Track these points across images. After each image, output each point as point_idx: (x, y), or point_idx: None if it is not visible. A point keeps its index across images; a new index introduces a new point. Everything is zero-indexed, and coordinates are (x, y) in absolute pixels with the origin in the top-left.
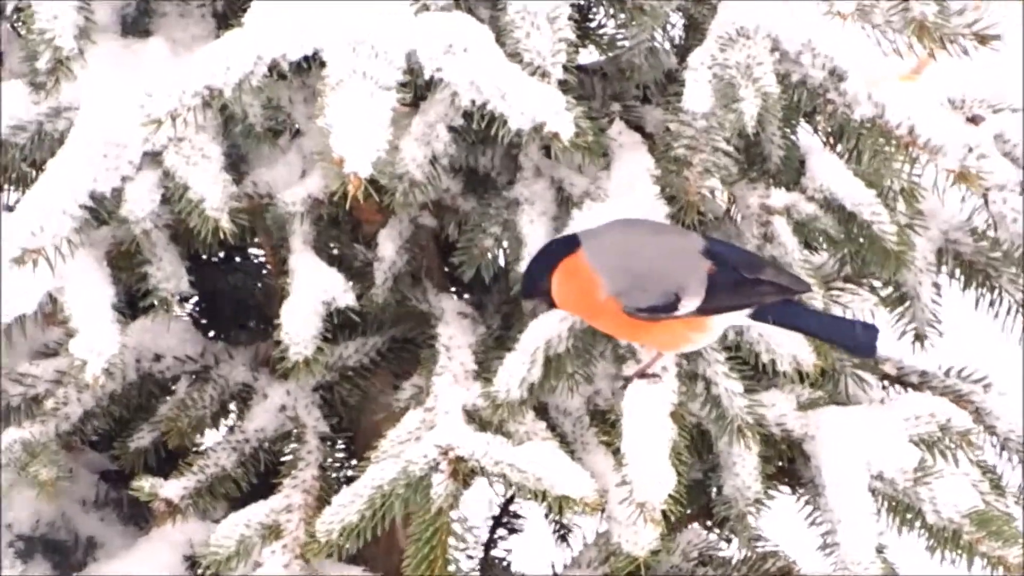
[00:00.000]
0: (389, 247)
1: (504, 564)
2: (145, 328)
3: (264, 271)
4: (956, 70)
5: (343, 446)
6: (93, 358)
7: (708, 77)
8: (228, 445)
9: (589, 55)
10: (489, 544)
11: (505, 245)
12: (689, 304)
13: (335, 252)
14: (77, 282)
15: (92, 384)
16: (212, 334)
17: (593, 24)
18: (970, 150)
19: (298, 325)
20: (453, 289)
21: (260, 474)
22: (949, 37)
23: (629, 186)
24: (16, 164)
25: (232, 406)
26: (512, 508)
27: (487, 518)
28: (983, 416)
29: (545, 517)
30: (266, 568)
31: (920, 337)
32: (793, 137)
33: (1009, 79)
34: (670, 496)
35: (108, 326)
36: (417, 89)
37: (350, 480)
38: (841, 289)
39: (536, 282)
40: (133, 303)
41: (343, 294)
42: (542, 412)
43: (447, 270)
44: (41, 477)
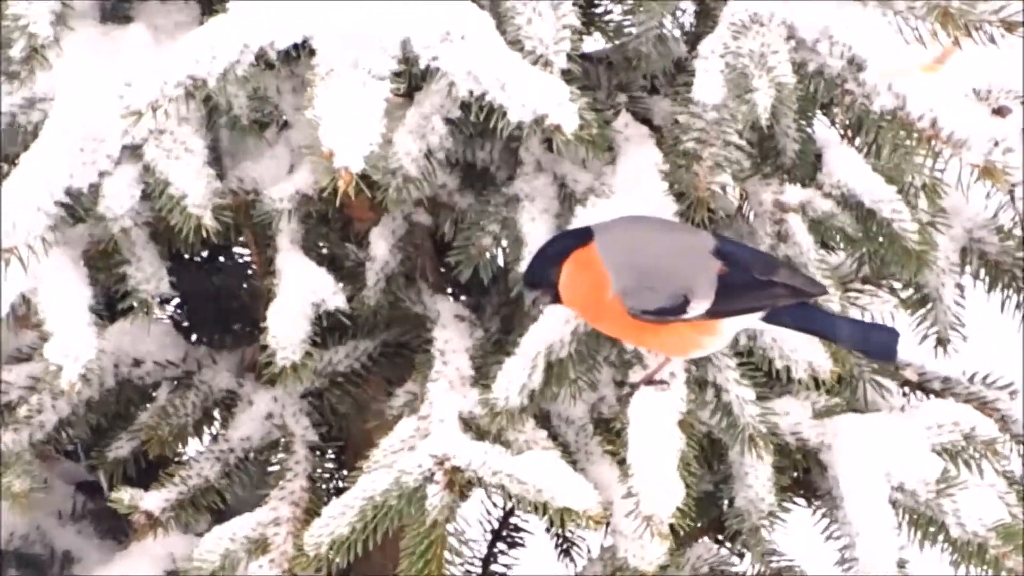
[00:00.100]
0: (382, 246)
1: None
2: (124, 331)
3: (249, 271)
4: (982, 59)
5: (333, 456)
6: (69, 363)
7: (720, 66)
8: (212, 455)
9: (594, 43)
10: (488, 559)
11: (504, 244)
12: (698, 306)
13: (325, 251)
14: (52, 283)
15: (68, 391)
16: (195, 338)
17: (598, 10)
18: (996, 144)
19: (285, 328)
20: (449, 291)
21: (246, 485)
22: (975, 24)
23: (636, 182)
24: None
25: (216, 414)
26: (512, 521)
27: (485, 532)
28: (1009, 424)
29: (546, 531)
30: None
31: (942, 341)
32: (809, 130)
33: None
34: (679, 509)
35: (85, 329)
36: (412, 79)
37: (340, 491)
38: (859, 291)
39: (544, 271)
40: (111, 305)
41: (333, 296)
42: (543, 420)
43: (443, 270)
44: (14, 488)
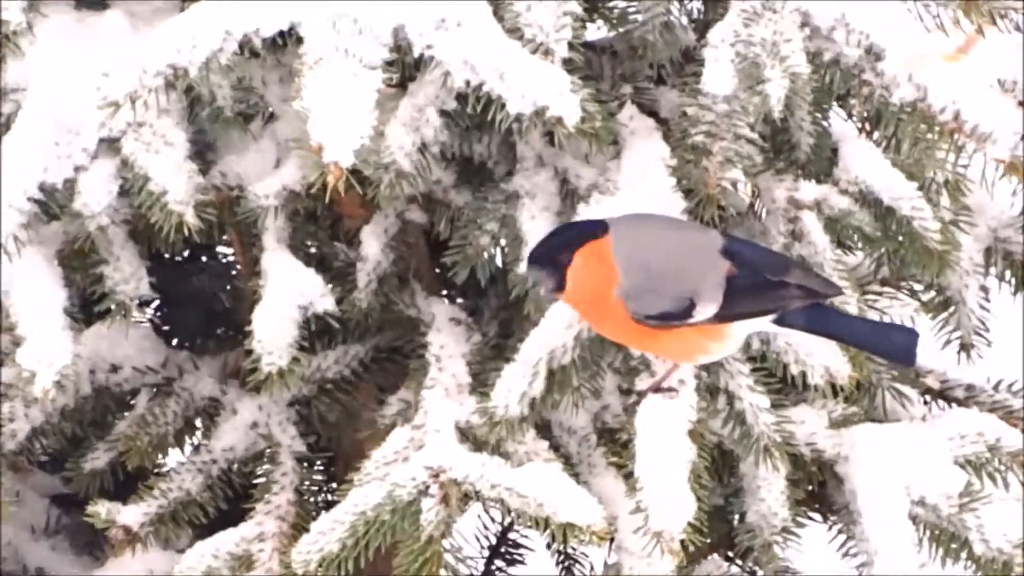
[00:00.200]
0: (373, 245)
1: None
2: (101, 335)
3: (233, 272)
4: (1007, 48)
5: (322, 467)
6: (42, 369)
7: (730, 56)
8: (193, 466)
9: (597, 31)
10: None
11: (503, 243)
12: (704, 311)
13: (313, 251)
14: (25, 284)
15: (41, 398)
16: (175, 342)
17: None
18: (1022, 137)
19: (271, 332)
20: (445, 292)
21: (229, 499)
22: (999, 11)
23: (641, 177)
24: None
25: (198, 423)
26: (511, 537)
27: (483, 548)
28: None
29: (547, 547)
30: None
31: (966, 347)
32: (824, 123)
33: None
34: (690, 524)
35: (59, 333)
36: (405, 69)
37: (330, 505)
38: (878, 293)
39: (555, 252)
40: (87, 307)
41: (322, 298)
42: (545, 430)
43: (438, 271)
44: None
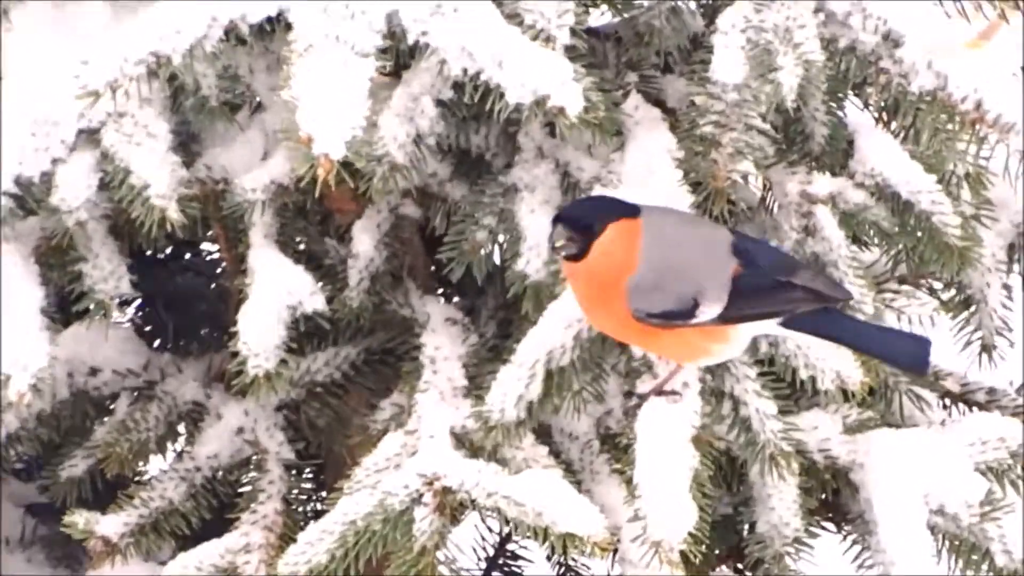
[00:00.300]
0: (365, 241)
1: None
2: (79, 337)
3: (219, 270)
4: None
5: (311, 475)
6: (18, 372)
7: (741, 42)
8: (176, 474)
9: (601, 16)
10: None
11: (501, 239)
12: (708, 311)
13: (302, 248)
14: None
15: (17, 403)
16: (157, 344)
17: None
18: None
19: (258, 333)
20: (440, 291)
21: (213, 508)
22: None
23: (647, 170)
24: None
25: (181, 428)
26: (509, 548)
27: (480, 560)
28: None
29: (547, 558)
30: None
31: (987, 348)
32: (840, 113)
33: None
34: (690, 534)
35: (36, 334)
36: (399, 56)
37: (318, 515)
38: (895, 292)
39: (591, 217)
40: (65, 307)
41: (311, 297)
42: (544, 435)
43: (433, 269)
44: None
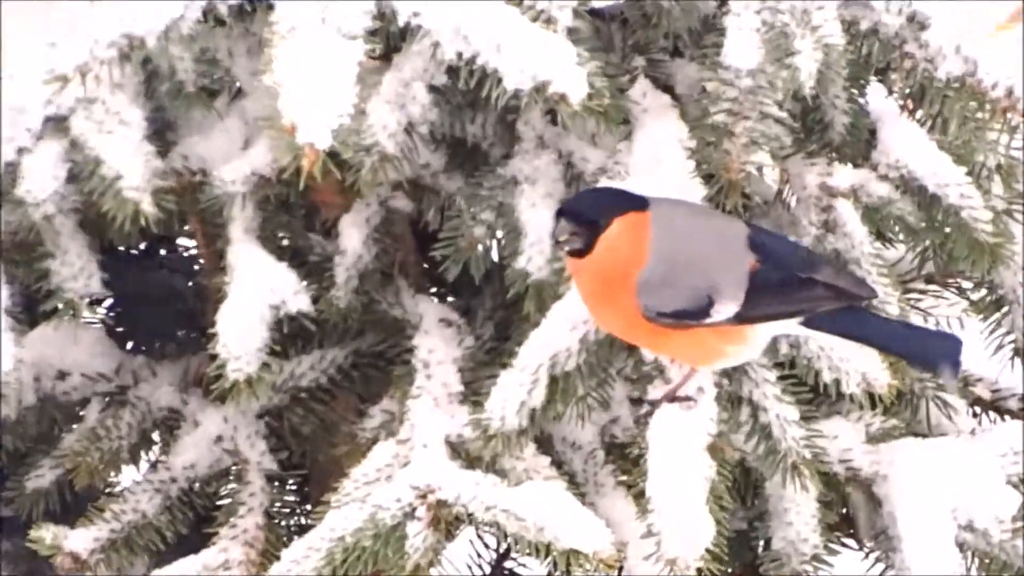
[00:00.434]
0: (354, 237)
1: None
2: (47, 338)
3: (196, 267)
4: None
5: (295, 487)
6: None
7: (755, 24)
8: (150, 486)
9: None
10: None
11: (499, 235)
12: (724, 310)
13: (286, 243)
14: None
15: None
16: (131, 346)
17: None
18: None
19: (238, 335)
20: (434, 290)
21: (190, 522)
22: None
23: (655, 161)
24: None
25: (155, 437)
26: (507, 565)
27: None
28: None
29: None
30: None
31: (1020, 351)
32: (862, 100)
33: None
34: (708, 551)
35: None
36: (390, 39)
37: (303, 529)
38: (922, 291)
39: (597, 209)
40: (32, 307)
41: (295, 296)
42: (546, 445)
43: (427, 266)
44: None
